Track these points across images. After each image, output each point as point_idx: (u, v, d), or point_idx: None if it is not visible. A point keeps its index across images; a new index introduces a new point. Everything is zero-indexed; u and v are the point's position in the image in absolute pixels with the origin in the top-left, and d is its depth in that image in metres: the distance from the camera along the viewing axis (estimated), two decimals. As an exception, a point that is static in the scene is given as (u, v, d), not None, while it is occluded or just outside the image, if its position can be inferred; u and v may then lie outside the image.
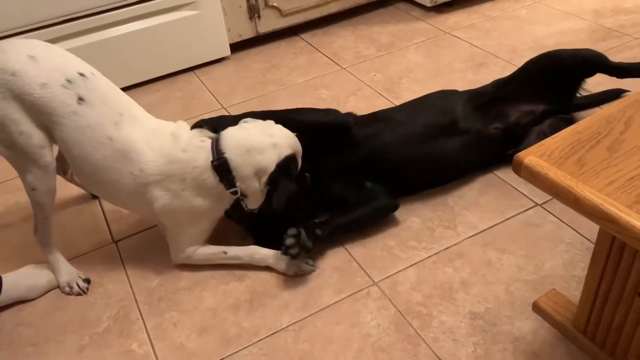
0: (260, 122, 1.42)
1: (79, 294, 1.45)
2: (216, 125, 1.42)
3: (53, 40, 2.08)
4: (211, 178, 1.34)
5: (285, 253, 1.36)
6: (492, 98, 1.67)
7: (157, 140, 1.37)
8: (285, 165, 1.35)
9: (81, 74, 1.31)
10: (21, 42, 1.32)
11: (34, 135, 1.29)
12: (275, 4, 2.46)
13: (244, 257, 1.46)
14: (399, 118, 1.64)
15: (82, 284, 1.45)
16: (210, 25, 2.34)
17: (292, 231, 1.37)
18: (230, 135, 1.36)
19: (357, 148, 1.55)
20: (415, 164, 1.57)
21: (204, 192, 1.36)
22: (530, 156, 0.93)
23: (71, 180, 1.70)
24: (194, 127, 1.43)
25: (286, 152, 1.36)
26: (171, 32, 2.28)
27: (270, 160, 1.33)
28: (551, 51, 1.74)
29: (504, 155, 1.66)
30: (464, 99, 1.69)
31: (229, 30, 2.42)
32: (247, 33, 2.49)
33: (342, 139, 1.55)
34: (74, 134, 1.30)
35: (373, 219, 1.53)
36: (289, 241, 1.35)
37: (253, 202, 1.40)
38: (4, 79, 1.24)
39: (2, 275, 1.43)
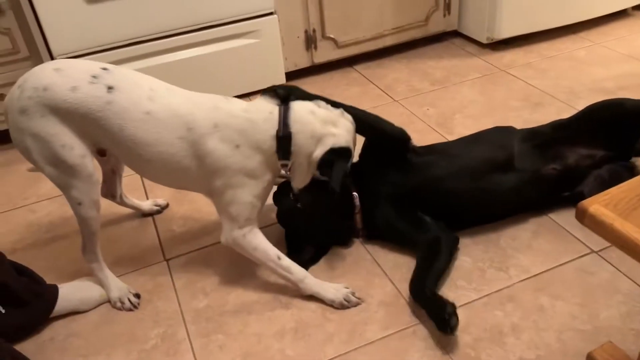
0: (331, 109, 1.44)
1: (130, 309, 1.48)
2: (287, 94, 1.43)
3: (117, 62, 2.19)
4: (269, 144, 1.35)
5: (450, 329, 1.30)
6: (550, 139, 1.64)
7: (206, 102, 1.37)
8: (339, 152, 1.38)
9: (104, 69, 1.34)
10: (43, 64, 1.38)
11: (75, 146, 1.33)
12: (332, 36, 2.51)
13: (295, 273, 1.43)
14: (455, 151, 1.65)
15: (133, 299, 1.49)
16: (269, 54, 2.41)
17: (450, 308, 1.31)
18: (300, 113, 1.37)
19: (411, 175, 1.56)
20: (469, 198, 1.56)
21: (258, 155, 1.36)
22: (595, 205, 0.91)
23: (122, 203, 1.75)
24: (264, 91, 1.44)
25: (341, 144, 1.39)
26: (231, 59, 2.35)
27: (324, 148, 1.37)
28: (614, 99, 1.70)
29: (559, 197, 1.63)
30: (521, 136, 1.67)
31: (286, 59, 2.48)
32: (303, 62, 2.54)
33: (398, 159, 1.57)
34: (114, 122, 1.31)
35: (452, 259, 1.52)
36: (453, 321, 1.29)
37: (298, 181, 1.43)
38: (39, 96, 1.29)
39: (59, 286, 1.48)
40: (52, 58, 2.14)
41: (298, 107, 1.38)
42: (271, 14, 2.34)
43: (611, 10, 2.76)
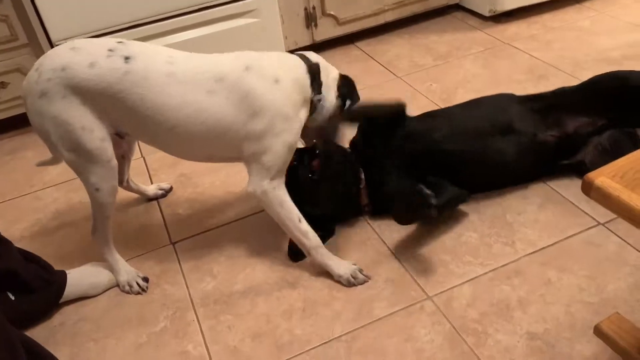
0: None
1: (139, 293, 1.49)
2: None
3: (118, 46, 2.17)
4: (304, 75, 1.40)
5: (428, 206, 1.36)
6: (551, 104, 1.64)
7: (229, 55, 1.38)
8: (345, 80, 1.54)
9: (119, 42, 1.32)
10: (59, 46, 1.36)
11: (95, 129, 1.32)
12: (332, 13, 2.48)
13: (311, 240, 1.42)
14: (455, 114, 1.67)
15: (142, 283, 1.50)
16: (268, 33, 2.38)
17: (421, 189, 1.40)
18: (310, 54, 1.48)
19: (412, 141, 1.58)
20: (469, 159, 1.57)
21: (296, 90, 1.37)
22: (601, 177, 0.90)
23: (127, 188, 1.75)
24: None
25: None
26: (230, 39, 2.33)
27: (335, 73, 1.51)
28: (619, 72, 1.68)
29: (558, 165, 1.62)
30: (521, 100, 1.68)
31: (286, 37, 2.45)
32: (304, 41, 2.52)
33: (398, 129, 1.59)
34: (133, 92, 1.28)
35: (460, 201, 1.57)
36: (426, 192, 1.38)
37: (325, 112, 1.46)
38: (58, 76, 1.27)
39: (67, 272, 1.49)
40: (50, 44, 2.13)
41: (306, 52, 1.48)
42: (270, -8, 2.31)
43: (616, -22, 2.71)
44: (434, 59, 2.42)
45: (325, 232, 1.54)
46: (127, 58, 1.29)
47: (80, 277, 1.50)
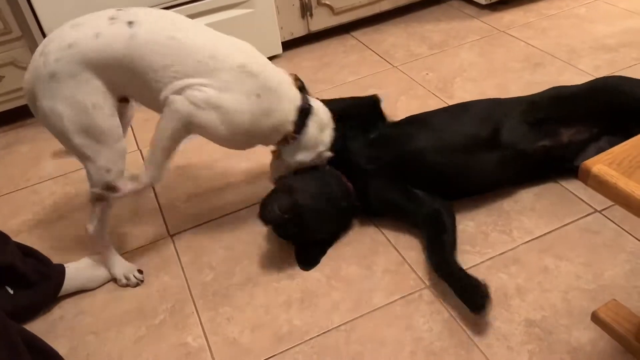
0: None
1: (137, 285, 1.49)
2: None
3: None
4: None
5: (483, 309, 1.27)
6: (545, 116, 1.56)
7: (235, 44, 1.42)
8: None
9: (119, 9, 1.32)
10: (59, 27, 1.34)
11: (105, 106, 1.30)
12: (327, 2, 2.47)
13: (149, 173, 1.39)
14: (436, 123, 1.59)
15: (138, 275, 1.50)
16: (263, 24, 2.37)
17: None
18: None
19: (390, 147, 1.54)
20: (451, 172, 1.51)
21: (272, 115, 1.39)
22: (598, 164, 0.90)
23: None
24: None
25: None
26: (225, 30, 2.28)
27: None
28: (619, 82, 1.63)
29: (557, 169, 1.60)
30: (512, 106, 1.60)
31: (281, 28, 2.44)
32: (299, 31, 2.50)
33: (375, 131, 1.58)
34: (140, 54, 1.28)
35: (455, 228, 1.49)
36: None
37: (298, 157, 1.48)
38: (67, 54, 1.26)
39: (65, 265, 1.49)
40: (44, 36, 2.11)
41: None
42: (264, -18, 2.29)
43: (612, -36, 2.69)
44: (430, 47, 2.41)
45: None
46: (130, 23, 1.28)
47: (79, 270, 1.50)
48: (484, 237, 1.48)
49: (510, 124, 1.54)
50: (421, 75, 2.23)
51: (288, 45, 2.52)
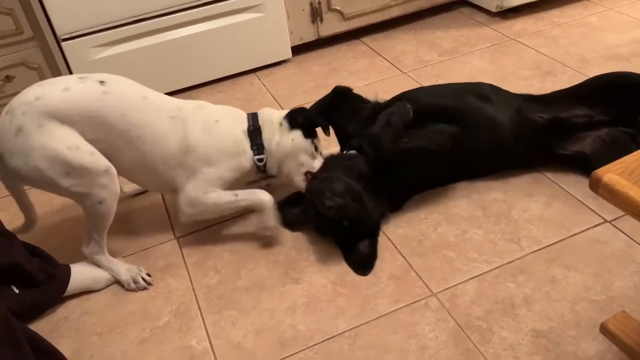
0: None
1: (145, 288, 1.49)
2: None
3: (121, 41, 2.18)
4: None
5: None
6: (544, 97, 1.64)
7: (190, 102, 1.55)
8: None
9: (83, 76, 1.40)
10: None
11: (81, 145, 1.32)
12: (337, 8, 2.47)
13: (250, 196, 1.51)
14: (428, 89, 1.74)
15: (147, 278, 1.50)
16: (274, 28, 2.37)
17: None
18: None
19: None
20: (456, 114, 1.56)
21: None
22: (609, 173, 0.89)
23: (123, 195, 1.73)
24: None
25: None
26: (235, 34, 2.32)
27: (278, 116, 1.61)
28: (621, 72, 1.67)
29: (555, 154, 1.61)
30: (506, 91, 1.69)
31: (291, 33, 2.44)
32: (309, 36, 2.51)
33: (358, 108, 1.64)
34: (114, 109, 1.35)
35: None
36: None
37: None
38: (33, 107, 1.28)
39: (71, 266, 1.49)
40: (55, 38, 2.13)
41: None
42: (275, -14, 2.30)
43: (625, -27, 2.68)
44: (440, 54, 2.40)
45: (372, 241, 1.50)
46: (101, 82, 1.38)
47: (84, 271, 1.50)
48: (491, 246, 1.46)
49: (507, 95, 1.67)
50: (431, 81, 2.22)
51: (298, 50, 2.52)
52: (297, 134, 1.56)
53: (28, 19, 2.09)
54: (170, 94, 2.34)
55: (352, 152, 1.57)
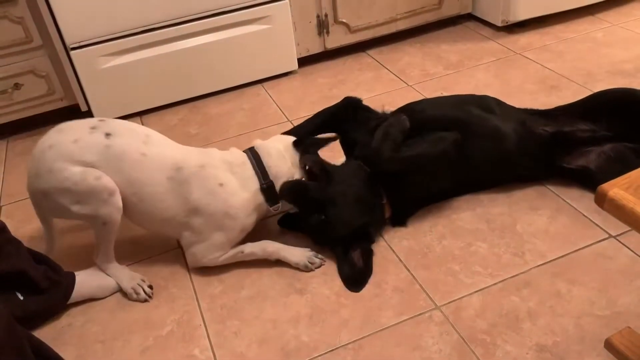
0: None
1: (145, 300, 1.49)
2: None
3: (129, 50, 2.20)
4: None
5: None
6: (547, 112, 1.64)
7: (194, 150, 1.53)
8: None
9: (100, 120, 1.48)
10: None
11: (88, 174, 1.40)
12: (344, 20, 2.49)
13: (260, 252, 1.52)
14: (435, 99, 1.77)
15: (148, 290, 1.50)
16: (281, 40, 2.39)
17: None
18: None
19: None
20: (459, 125, 1.56)
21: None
22: (615, 188, 0.89)
23: None
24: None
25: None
26: (243, 45, 2.34)
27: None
28: (625, 89, 1.68)
29: (559, 167, 1.62)
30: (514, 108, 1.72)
31: (298, 44, 2.46)
32: (315, 48, 2.52)
33: (364, 119, 1.64)
34: (113, 165, 1.41)
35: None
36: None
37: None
38: (46, 154, 1.41)
39: (76, 273, 1.50)
40: (64, 46, 2.15)
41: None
42: (283, -1, 2.32)
43: (630, -10, 2.70)
44: (446, 67, 2.42)
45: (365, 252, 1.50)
46: (108, 134, 1.44)
47: (89, 279, 1.50)
48: (496, 259, 1.46)
49: (509, 109, 1.70)
50: (436, 94, 2.23)
51: (304, 61, 2.54)
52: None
53: (38, 28, 2.11)
54: (177, 103, 2.38)
55: (357, 162, 1.57)
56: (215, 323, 1.40)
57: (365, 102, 1.73)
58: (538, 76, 2.25)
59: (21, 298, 1.40)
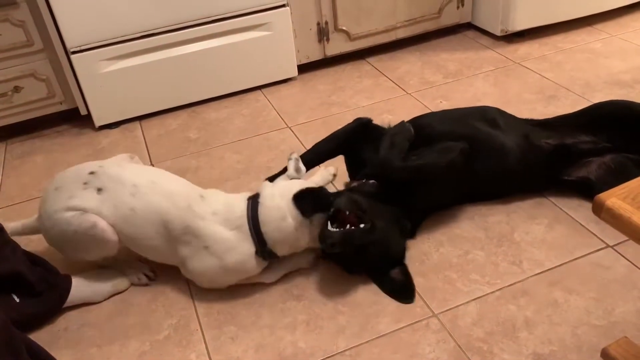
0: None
1: (147, 284, 1.55)
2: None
3: (130, 55, 2.20)
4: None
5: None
6: (549, 122, 1.65)
7: (182, 197, 1.46)
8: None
9: (91, 172, 1.46)
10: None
11: (82, 220, 1.41)
12: (344, 28, 2.50)
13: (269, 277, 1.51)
14: (439, 114, 1.75)
15: (149, 273, 1.56)
16: (281, 46, 2.40)
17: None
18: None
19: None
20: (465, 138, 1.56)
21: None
22: (612, 198, 0.89)
23: None
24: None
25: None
26: (243, 51, 2.35)
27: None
28: (622, 101, 1.69)
29: (560, 179, 1.63)
30: (516, 118, 1.72)
31: (298, 51, 2.47)
32: (315, 55, 2.53)
33: (374, 138, 1.61)
34: (108, 219, 1.42)
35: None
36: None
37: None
38: (47, 210, 1.45)
39: (72, 276, 1.49)
40: (65, 50, 2.15)
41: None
42: (283, 6, 2.33)
43: (628, 2, 2.71)
44: (445, 76, 2.43)
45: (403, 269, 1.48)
46: (99, 190, 1.44)
47: (85, 282, 1.50)
48: (493, 268, 1.46)
49: (512, 120, 1.70)
50: (435, 102, 2.24)
51: (303, 68, 2.55)
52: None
53: (39, 31, 2.12)
54: (177, 108, 2.38)
55: (372, 181, 1.54)
56: (212, 328, 1.40)
57: (363, 110, 1.74)
58: (537, 86, 2.27)
59: (17, 300, 1.40)
